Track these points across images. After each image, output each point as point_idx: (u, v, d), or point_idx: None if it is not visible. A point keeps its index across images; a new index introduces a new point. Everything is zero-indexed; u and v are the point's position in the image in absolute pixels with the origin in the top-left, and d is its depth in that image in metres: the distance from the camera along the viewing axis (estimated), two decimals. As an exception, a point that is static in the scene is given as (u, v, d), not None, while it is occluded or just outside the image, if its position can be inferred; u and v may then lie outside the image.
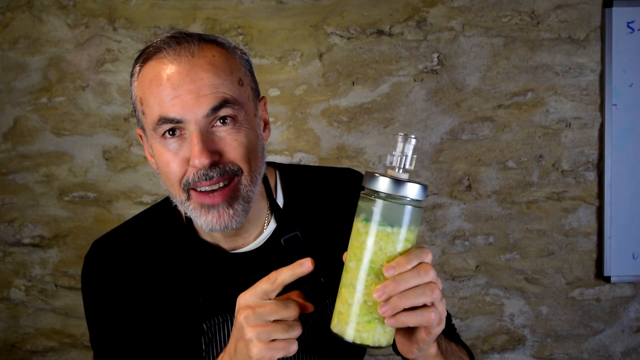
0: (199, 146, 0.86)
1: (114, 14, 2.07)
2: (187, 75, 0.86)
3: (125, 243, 1.02)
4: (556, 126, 2.13)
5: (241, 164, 0.89)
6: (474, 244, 2.16)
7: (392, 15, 2.08)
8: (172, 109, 0.86)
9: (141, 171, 2.12)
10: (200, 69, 0.87)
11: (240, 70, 0.92)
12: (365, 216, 0.75)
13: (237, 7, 2.07)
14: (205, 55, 0.88)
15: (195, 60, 0.87)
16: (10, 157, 2.12)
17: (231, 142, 0.88)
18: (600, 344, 2.21)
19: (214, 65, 0.88)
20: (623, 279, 2.16)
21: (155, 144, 0.90)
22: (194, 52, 0.88)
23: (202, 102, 0.86)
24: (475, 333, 2.20)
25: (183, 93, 0.86)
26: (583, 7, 2.09)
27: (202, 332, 0.97)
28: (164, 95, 0.86)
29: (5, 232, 2.15)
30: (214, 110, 0.86)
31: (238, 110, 0.89)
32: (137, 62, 0.92)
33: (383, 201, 0.74)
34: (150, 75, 0.89)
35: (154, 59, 0.89)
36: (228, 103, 0.87)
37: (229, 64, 0.90)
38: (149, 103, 0.89)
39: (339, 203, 1.04)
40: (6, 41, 2.09)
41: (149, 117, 0.89)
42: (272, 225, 1.02)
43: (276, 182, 1.06)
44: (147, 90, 0.89)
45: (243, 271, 0.99)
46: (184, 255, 1.00)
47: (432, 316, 0.74)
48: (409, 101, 2.11)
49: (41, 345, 2.18)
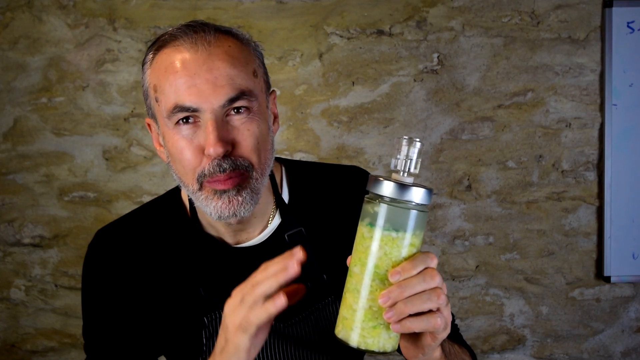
0: (214, 135, 0.85)
1: (114, 14, 2.07)
2: (203, 64, 0.86)
3: (129, 233, 1.02)
4: (556, 126, 2.13)
5: (252, 158, 0.89)
6: (474, 244, 2.16)
7: (392, 15, 2.08)
8: (189, 97, 0.86)
9: (141, 171, 2.12)
10: (216, 58, 0.86)
11: (255, 62, 0.92)
12: (370, 221, 0.74)
13: (237, 7, 2.07)
14: (222, 45, 0.88)
15: (212, 49, 0.87)
16: (10, 157, 2.12)
17: (244, 132, 0.88)
18: (600, 344, 2.22)
19: (230, 56, 0.88)
20: (623, 279, 2.16)
21: (168, 131, 0.90)
22: (211, 41, 0.87)
23: (219, 93, 0.86)
24: (475, 333, 2.20)
25: (200, 82, 0.85)
26: (583, 7, 2.09)
27: (203, 325, 0.97)
28: (179, 83, 0.86)
29: (5, 232, 2.15)
30: (230, 101, 0.86)
31: (253, 102, 0.89)
32: (151, 50, 0.92)
33: (387, 206, 0.73)
34: (165, 63, 0.88)
35: (169, 46, 0.88)
36: (244, 95, 0.87)
37: (244, 55, 0.90)
38: (164, 90, 0.88)
39: (344, 200, 1.04)
40: (6, 41, 2.09)
41: (163, 104, 0.89)
42: (277, 221, 1.01)
43: (282, 177, 1.05)
44: (163, 78, 0.88)
45: (246, 265, 0.99)
46: (187, 247, 1.00)
47: (438, 322, 0.73)
48: (409, 101, 2.11)
49: (41, 345, 2.18)
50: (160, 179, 2.12)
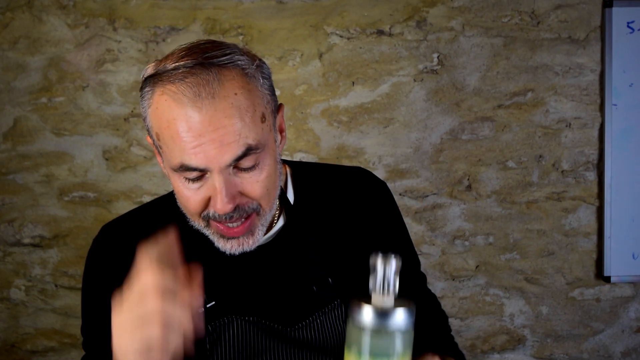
0: (222, 195, 0.84)
1: (114, 14, 2.07)
2: (209, 124, 0.81)
3: (134, 230, 1.01)
4: (556, 126, 2.13)
5: (261, 201, 0.89)
6: (474, 244, 2.16)
7: (392, 15, 2.08)
8: (195, 158, 0.83)
9: (141, 171, 2.12)
10: (222, 115, 0.81)
11: (263, 100, 0.87)
12: (357, 348, 0.73)
13: (237, 7, 2.07)
14: (227, 96, 0.82)
15: (217, 103, 0.81)
16: (10, 157, 2.12)
17: (253, 184, 0.87)
18: (600, 344, 2.22)
19: (237, 108, 0.82)
20: (623, 279, 2.16)
21: (174, 175, 0.89)
22: (215, 93, 0.81)
23: (225, 151, 0.82)
24: (475, 333, 2.20)
25: (205, 142, 0.81)
26: (583, 7, 2.09)
27: (206, 332, 0.96)
28: (185, 143, 0.82)
29: (5, 232, 2.14)
30: (237, 159, 0.84)
31: (260, 153, 0.86)
32: (148, 84, 0.86)
33: (371, 334, 0.72)
34: (167, 116, 0.83)
35: (168, 92, 0.83)
36: (251, 150, 0.84)
37: (252, 100, 0.84)
38: (168, 145, 0.85)
39: (349, 202, 1.04)
40: (6, 41, 2.09)
41: (168, 157, 0.86)
42: (282, 222, 1.01)
43: (287, 179, 1.05)
44: (166, 133, 0.84)
45: (250, 267, 0.99)
46: (191, 250, 1.00)
47: None
48: (409, 101, 2.11)
49: (41, 345, 2.18)
50: (160, 179, 2.12)
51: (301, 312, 0.98)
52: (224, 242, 0.90)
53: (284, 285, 0.99)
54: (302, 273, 0.99)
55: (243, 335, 0.97)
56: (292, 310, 0.99)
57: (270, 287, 0.99)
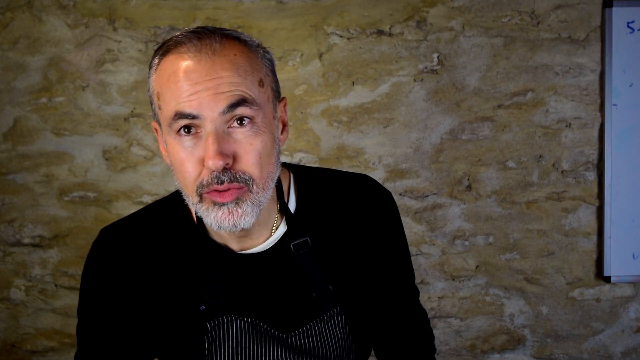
0: (214, 147, 0.84)
1: (114, 14, 2.07)
2: (206, 74, 0.85)
3: (134, 234, 1.01)
4: (556, 126, 2.13)
5: (253, 172, 0.88)
6: (474, 244, 2.16)
7: (392, 15, 2.08)
8: (189, 104, 0.85)
9: (141, 171, 2.12)
10: (220, 67, 0.85)
11: (262, 70, 0.90)
12: None
13: (237, 7, 2.07)
14: (227, 54, 0.87)
15: (216, 58, 0.86)
16: (10, 157, 2.12)
17: (246, 146, 0.87)
18: (600, 344, 2.22)
19: (234, 64, 0.86)
20: (623, 279, 2.16)
21: (171, 140, 0.89)
22: (215, 50, 0.86)
23: (219, 99, 0.85)
24: (475, 333, 2.20)
25: (201, 89, 0.85)
26: (583, 7, 2.09)
27: (205, 331, 0.97)
28: (181, 91, 0.85)
29: (5, 232, 2.15)
30: (230, 107, 0.85)
31: (256, 111, 0.87)
32: (157, 54, 0.91)
33: None
34: (168, 71, 0.87)
35: (174, 52, 0.88)
36: (246, 102, 0.86)
37: (250, 63, 0.88)
38: (165, 98, 0.88)
39: (352, 211, 1.03)
40: (6, 41, 2.09)
41: (165, 112, 0.88)
42: (282, 229, 1.01)
43: (289, 185, 1.04)
44: (165, 86, 0.88)
45: (250, 272, 0.99)
46: (192, 252, 1.00)
47: None
48: (409, 101, 2.11)
49: (41, 345, 2.18)
50: (160, 179, 2.12)
51: (300, 319, 0.99)
52: (215, 212, 0.89)
53: (284, 292, 0.99)
54: (302, 280, 0.99)
55: (242, 335, 0.97)
56: (291, 317, 0.99)
57: (270, 292, 0.99)
